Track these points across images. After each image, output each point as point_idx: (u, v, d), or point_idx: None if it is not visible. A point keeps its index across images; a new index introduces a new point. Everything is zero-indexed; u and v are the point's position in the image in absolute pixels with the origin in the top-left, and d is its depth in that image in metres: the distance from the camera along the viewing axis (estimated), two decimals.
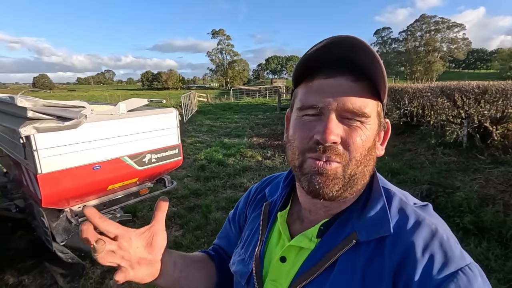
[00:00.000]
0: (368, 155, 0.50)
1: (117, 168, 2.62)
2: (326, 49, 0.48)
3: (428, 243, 0.45)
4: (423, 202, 0.54)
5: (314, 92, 0.49)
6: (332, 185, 0.48)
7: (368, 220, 0.50)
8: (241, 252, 0.66)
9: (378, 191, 0.53)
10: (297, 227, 0.59)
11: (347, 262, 0.48)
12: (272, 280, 0.56)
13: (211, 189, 4.61)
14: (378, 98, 0.50)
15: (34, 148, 2.09)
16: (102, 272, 2.69)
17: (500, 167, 4.47)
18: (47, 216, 2.38)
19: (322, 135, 0.46)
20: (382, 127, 0.54)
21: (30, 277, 2.67)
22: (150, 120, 2.82)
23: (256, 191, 0.75)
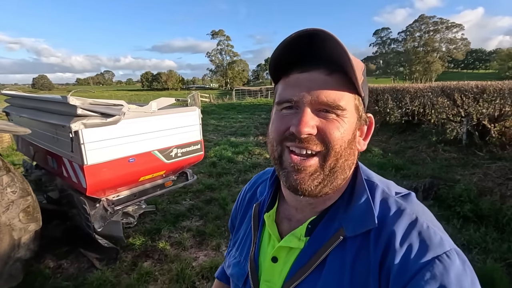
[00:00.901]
0: (348, 148, 0.50)
1: (148, 161, 2.88)
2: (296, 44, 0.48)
3: (407, 232, 0.46)
4: (406, 190, 0.55)
5: (290, 87, 0.50)
6: (310, 180, 0.49)
7: (354, 215, 0.51)
8: (236, 254, 0.67)
9: (361, 185, 0.53)
10: (286, 226, 0.59)
11: (336, 259, 0.49)
12: (266, 281, 0.57)
13: (224, 184, 4.86)
14: (355, 92, 0.50)
15: (81, 141, 2.34)
16: (133, 256, 2.93)
17: (498, 162, 4.74)
18: (88, 204, 2.63)
19: (296, 128, 0.47)
20: (363, 121, 0.54)
21: (68, 261, 2.91)
22: (176, 118, 3.07)
23: (245, 193, 0.76)
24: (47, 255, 2.94)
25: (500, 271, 2.31)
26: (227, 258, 0.70)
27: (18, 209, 2.29)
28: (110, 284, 2.49)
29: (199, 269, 2.64)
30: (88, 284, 2.52)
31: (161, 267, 2.75)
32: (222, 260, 2.77)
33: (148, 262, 2.85)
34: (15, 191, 2.28)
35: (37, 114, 2.85)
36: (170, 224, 3.52)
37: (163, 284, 2.51)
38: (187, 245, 3.07)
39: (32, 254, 2.43)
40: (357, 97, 0.51)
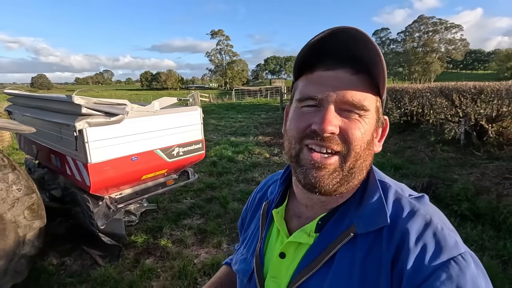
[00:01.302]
0: (367, 149, 0.50)
1: (151, 160, 2.92)
2: (327, 40, 0.47)
3: (422, 232, 0.45)
4: (419, 193, 0.54)
5: (313, 84, 0.49)
6: (330, 179, 0.49)
7: (366, 212, 0.50)
8: (243, 251, 0.67)
9: (374, 184, 0.53)
10: (295, 223, 0.59)
11: (346, 255, 0.49)
12: (272, 277, 0.57)
13: (225, 182, 4.91)
14: (377, 93, 0.50)
15: (85, 140, 2.38)
16: (136, 253, 2.97)
17: (495, 162, 4.79)
18: (92, 202, 2.67)
19: (320, 125, 0.46)
20: (380, 123, 0.54)
21: (71, 258, 2.95)
22: (178, 117, 3.11)
23: (256, 193, 0.77)
24: (51, 252, 2.98)
25: (496, 268, 2.36)
26: (234, 255, 0.71)
27: (23, 206, 2.33)
28: (113, 280, 2.53)
29: (200, 266, 2.69)
30: (91, 281, 2.56)
31: (163, 264, 2.79)
32: (223, 257, 2.82)
33: (150, 259, 2.89)
34: (20, 189, 2.31)
35: (41, 113, 2.88)
36: (172, 222, 3.56)
37: (166, 280, 2.55)
38: (188, 242, 3.11)
39: (37, 251, 2.47)
40: (379, 99, 0.51)
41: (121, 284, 2.49)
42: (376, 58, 0.45)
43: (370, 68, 0.47)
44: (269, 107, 17.64)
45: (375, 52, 0.45)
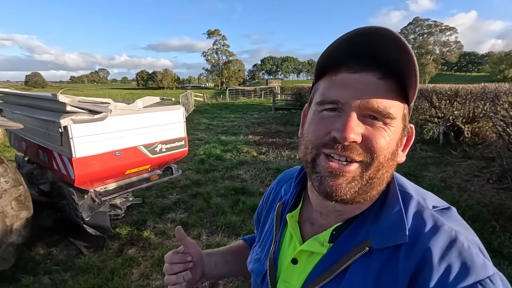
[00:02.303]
0: (391, 159, 0.47)
1: (134, 156, 3.09)
2: (354, 41, 0.44)
3: (446, 251, 0.42)
4: (446, 204, 0.50)
5: (336, 87, 0.46)
6: (348, 188, 0.46)
7: (383, 227, 0.47)
8: (258, 251, 0.67)
9: (394, 195, 0.49)
10: (308, 230, 0.57)
11: (359, 269, 0.47)
12: (284, 281, 0.56)
13: (211, 179, 5.09)
14: (405, 100, 0.47)
15: (70, 136, 2.55)
16: (120, 244, 3.14)
17: (468, 161, 5.05)
18: (77, 194, 2.83)
19: (341, 133, 0.43)
20: (406, 132, 0.50)
21: (57, 249, 3.11)
22: (161, 115, 3.29)
23: (271, 190, 0.75)
24: (39, 243, 3.13)
25: None
26: (250, 254, 0.70)
27: (11, 197, 2.49)
28: (96, 268, 2.70)
29: None
30: (76, 268, 2.72)
31: (145, 254, 2.97)
32: (202, 247, 2.99)
33: (133, 249, 3.06)
34: (7, 181, 2.47)
35: (30, 111, 3.04)
36: (156, 216, 3.73)
37: (145, 268, 2.73)
38: (170, 234, 3.29)
39: (23, 240, 2.63)
40: (406, 107, 0.48)
41: (103, 271, 2.66)
42: (408, 62, 0.42)
43: (399, 73, 0.44)
44: (262, 107, 17.85)
45: (407, 55, 0.42)
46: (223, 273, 0.78)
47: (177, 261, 0.69)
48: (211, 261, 0.75)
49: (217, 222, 3.53)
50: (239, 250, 0.83)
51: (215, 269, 0.75)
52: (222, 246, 2.99)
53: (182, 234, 0.71)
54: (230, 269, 0.79)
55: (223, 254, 0.79)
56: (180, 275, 0.66)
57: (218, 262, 0.76)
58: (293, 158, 6.39)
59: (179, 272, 0.67)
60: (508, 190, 3.76)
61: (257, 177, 5.18)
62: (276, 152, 6.92)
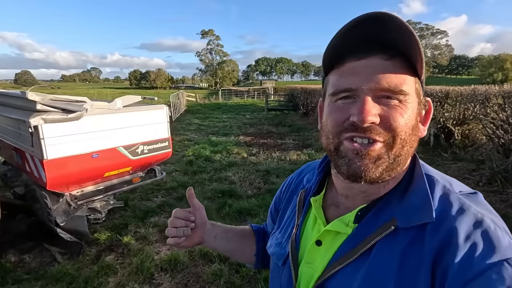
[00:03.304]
0: (413, 134, 0.48)
1: (113, 157, 2.94)
2: (354, 30, 0.46)
3: (472, 231, 0.42)
4: (472, 190, 0.51)
5: (346, 76, 0.48)
6: (375, 167, 0.46)
7: (409, 206, 0.48)
8: (278, 236, 0.68)
9: (420, 177, 0.50)
10: (333, 212, 0.58)
11: (385, 248, 0.47)
12: (307, 263, 0.57)
13: (198, 181, 4.94)
14: (415, 75, 0.48)
15: (41, 136, 2.39)
16: (98, 250, 2.98)
17: (458, 163, 5.01)
18: (50, 198, 2.67)
19: (358, 116, 0.45)
20: (423, 106, 0.51)
21: (30, 255, 2.93)
22: (143, 115, 3.14)
23: (292, 179, 0.77)
24: (10, 250, 2.95)
25: None
26: (269, 239, 0.71)
27: None
28: (69, 276, 2.54)
29: (159, 262, 2.72)
30: (48, 277, 2.56)
31: (123, 261, 2.82)
32: (184, 254, 2.87)
33: (111, 256, 2.90)
34: None
35: (1, 109, 2.87)
36: (139, 219, 3.58)
37: (122, 276, 2.58)
38: (152, 239, 3.14)
39: None
40: (417, 81, 0.49)
41: (77, 280, 2.50)
42: (410, 39, 0.44)
43: (404, 51, 0.45)
44: (255, 107, 17.74)
45: (408, 34, 0.43)
46: (220, 248, 0.79)
47: (181, 216, 0.72)
48: (213, 232, 0.77)
49: None
50: (243, 233, 0.84)
51: (214, 241, 0.77)
52: (205, 252, 2.89)
53: (192, 194, 0.74)
54: (227, 246, 0.81)
55: (226, 230, 0.81)
56: (180, 229, 0.69)
57: (219, 236, 0.78)
58: (284, 159, 6.29)
59: (181, 227, 0.70)
60: (497, 193, 3.72)
61: (246, 179, 5.05)
62: (266, 154, 6.81)
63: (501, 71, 59.36)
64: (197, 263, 2.73)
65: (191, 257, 2.82)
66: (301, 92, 14.01)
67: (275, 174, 5.23)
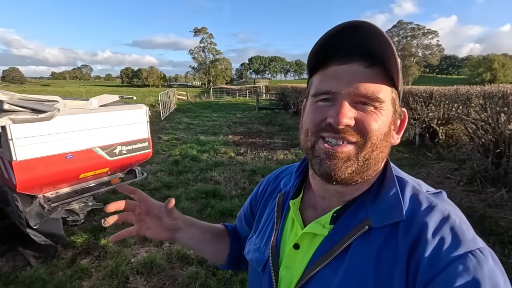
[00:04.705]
0: (384, 140, 0.50)
1: (89, 158, 2.87)
2: (338, 36, 0.48)
3: (439, 226, 0.45)
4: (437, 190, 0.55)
5: (328, 79, 0.50)
6: (344, 167, 0.49)
7: (381, 206, 0.51)
8: (256, 241, 0.68)
9: (391, 179, 0.53)
10: (310, 215, 0.60)
11: (361, 247, 0.49)
12: (286, 267, 0.58)
13: (183, 182, 4.88)
14: (393, 85, 0.50)
15: (9, 137, 2.31)
16: (74, 254, 2.91)
17: (441, 163, 5.07)
18: (21, 201, 2.59)
19: (335, 118, 0.47)
20: (398, 115, 0.54)
21: (3, 259, 2.84)
22: (121, 115, 3.07)
23: (268, 182, 0.77)
24: None
25: None
26: (247, 245, 0.72)
27: None
28: (41, 281, 2.47)
29: (135, 265, 2.67)
30: (19, 282, 2.48)
31: (99, 264, 2.75)
32: (161, 256, 2.82)
33: (87, 259, 2.84)
34: None
35: None
36: None
37: (97, 280, 2.52)
38: (130, 242, 3.08)
39: None
40: (394, 91, 0.51)
41: (48, 285, 2.43)
42: (388, 50, 0.46)
43: (383, 61, 0.48)
44: (246, 106, 17.69)
45: (387, 45, 0.46)
46: (195, 248, 0.79)
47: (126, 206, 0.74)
48: (190, 233, 0.75)
49: None
50: (218, 234, 0.83)
51: (189, 241, 0.76)
52: (183, 254, 2.85)
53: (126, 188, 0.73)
54: (202, 248, 0.80)
55: (204, 231, 0.80)
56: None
57: (195, 238, 0.77)
58: (271, 159, 6.27)
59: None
60: (477, 192, 3.77)
61: (232, 179, 5.02)
62: (254, 153, 6.78)
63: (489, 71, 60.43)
64: (174, 266, 2.69)
65: (169, 259, 2.78)
66: (291, 91, 14.02)
67: (260, 174, 5.20)
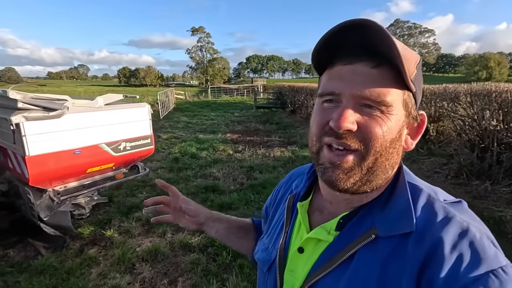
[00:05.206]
0: (391, 147, 0.47)
1: (95, 154, 3.04)
2: (342, 33, 0.46)
3: (457, 241, 0.42)
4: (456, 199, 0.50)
5: (333, 79, 0.48)
6: (346, 178, 0.47)
7: (390, 215, 0.48)
8: (265, 241, 0.68)
9: (403, 186, 0.50)
10: (317, 218, 0.58)
11: (366, 256, 0.47)
12: (290, 271, 0.57)
13: (183, 178, 5.06)
14: (405, 87, 0.46)
15: (23, 134, 2.48)
16: (81, 244, 3.08)
17: (431, 158, 5.28)
18: (33, 194, 2.75)
19: (336, 122, 0.45)
20: (413, 119, 0.50)
21: (15, 250, 3.01)
22: (125, 113, 3.24)
23: (281, 186, 0.77)
24: None
25: None
26: (257, 244, 0.72)
27: None
28: (52, 268, 2.64)
29: (140, 253, 2.85)
30: (32, 270, 2.65)
31: (106, 253, 2.93)
32: (165, 245, 3.00)
33: (94, 249, 3.01)
34: None
35: None
36: (123, 215, 3.68)
37: (105, 267, 2.69)
38: (134, 233, 3.26)
39: None
40: (407, 93, 0.47)
41: (60, 271, 2.60)
42: (392, 49, 0.43)
43: (390, 60, 0.44)
44: (244, 105, 17.86)
45: (391, 44, 0.43)
46: (222, 241, 0.86)
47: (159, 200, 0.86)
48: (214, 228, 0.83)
49: None
50: (247, 228, 0.87)
51: (214, 234, 0.84)
52: (185, 243, 3.03)
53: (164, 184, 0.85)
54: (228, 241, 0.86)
55: (229, 227, 0.85)
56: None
57: (220, 232, 0.83)
58: (268, 156, 6.46)
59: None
60: (463, 185, 3.98)
61: (230, 175, 5.20)
62: (252, 151, 6.96)
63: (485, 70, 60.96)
64: (177, 254, 2.87)
65: (172, 248, 2.96)
66: (288, 90, 14.20)
67: (258, 170, 5.39)
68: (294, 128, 9.91)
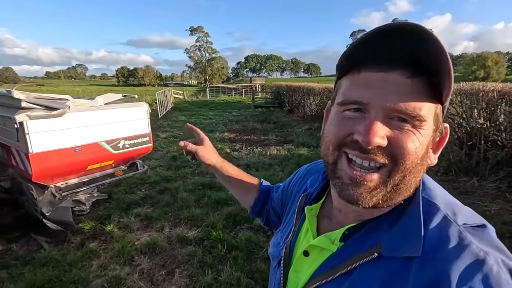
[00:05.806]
0: (420, 164, 0.43)
1: (95, 151, 3.15)
2: (379, 37, 0.41)
3: (468, 275, 0.36)
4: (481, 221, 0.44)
5: (360, 86, 0.43)
6: (370, 197, 0.44)
7: (397, 234, 0.45)
8: (279, 235, 0.69)
9: (416, 204, 0.45)
10: (325, 225, 0.57)
11: (365, 274, 0.45)
12: (295, 271, 0.58)
13: (181, 175, 5.17)
14: (438, 99, 0.43)
15: (26, 132, 2.59)
16: (82, 239, 3.20)
17: None
18: (35, 190, 2.87)
19: (364, 137, 0.41)
20: (439, 132, 0.46)
21: (18, 244, 3.13)
22: (124, 112, 3.36)
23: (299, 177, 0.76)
24: None
25: None
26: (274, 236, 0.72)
27: None
28: (55, 261, 2.76)
29: (139, 246, 2.97)
30: (35, 262, 2.77)
31: (106, 246, 3.05)
32: (163, 239, 3.12)
33: (95, 243, 3.13)
34: None
35: None
36: (122, 211, 3.80)
37: (105, 259, 2.81)
38: (133, 228, 3.37)
39: None
40: (439, 106, 0.44)
41: (62, 263, 2.72)
42: (441, 59, 0.39)
43: (430, 71, 0.40)
44: (242, 105, 17.97)
45: (438, 52, 0.38)
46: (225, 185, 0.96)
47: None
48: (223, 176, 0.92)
49: (181, 215, 3.65)
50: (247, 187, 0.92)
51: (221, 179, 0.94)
52: (182, 236, 3.15)
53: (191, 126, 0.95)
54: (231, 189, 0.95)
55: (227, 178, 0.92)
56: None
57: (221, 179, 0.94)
58: (264, 154, 6.58)
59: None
60: (451, 182, 4.12)
61: None
62: (249, 149, 7.08)
63: (483, 69, 61.18)
64: (174, 247, 3.00)
65: (169, 241, 3.09)
66: (286, 89, 14.32)
67: (254, 168, 5.52)
68: (291, 127, 10.04)
